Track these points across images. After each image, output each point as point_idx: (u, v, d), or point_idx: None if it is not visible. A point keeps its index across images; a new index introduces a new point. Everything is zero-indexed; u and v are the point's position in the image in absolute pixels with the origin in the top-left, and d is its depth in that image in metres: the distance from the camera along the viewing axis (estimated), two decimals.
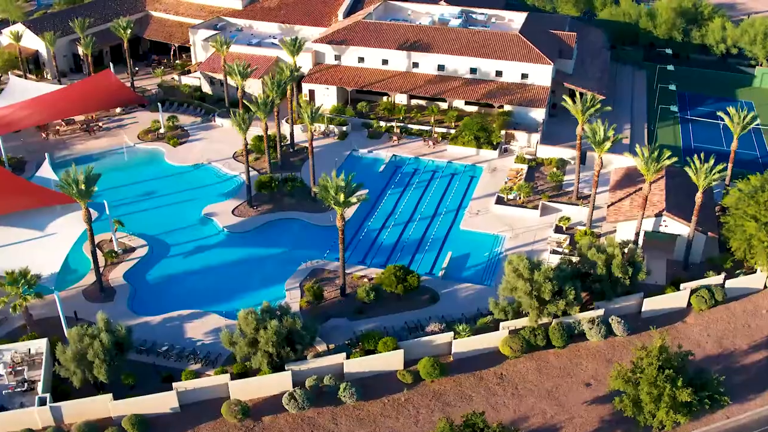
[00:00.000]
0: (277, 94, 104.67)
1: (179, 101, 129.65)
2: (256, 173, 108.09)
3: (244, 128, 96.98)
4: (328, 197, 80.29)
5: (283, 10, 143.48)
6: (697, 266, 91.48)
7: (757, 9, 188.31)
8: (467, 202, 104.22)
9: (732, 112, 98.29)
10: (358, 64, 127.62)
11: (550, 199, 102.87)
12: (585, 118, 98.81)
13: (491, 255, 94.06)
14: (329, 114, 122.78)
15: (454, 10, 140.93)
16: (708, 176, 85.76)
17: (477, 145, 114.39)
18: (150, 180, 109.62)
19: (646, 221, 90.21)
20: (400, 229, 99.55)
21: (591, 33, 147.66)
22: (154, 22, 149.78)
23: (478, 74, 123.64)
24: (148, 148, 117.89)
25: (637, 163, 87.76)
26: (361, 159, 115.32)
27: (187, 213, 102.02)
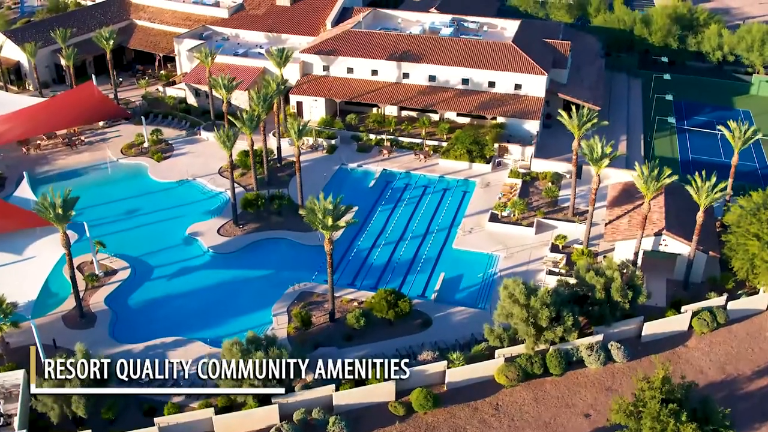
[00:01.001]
0: (263, 108, 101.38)
1: (164, 113, 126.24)
2: (243, 190, 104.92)
3: (228, 145, 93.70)
4: (315, 221, 77.27)
5: (270, 19, 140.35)
6: (698, 286, 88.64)
7: (752, 14, 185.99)
8: (460, 220, 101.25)
9: (733, 126, 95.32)
10: (347, 75, 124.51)
11: (546, 215, 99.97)
12: (581, 133, 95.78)
13: (485, 276, 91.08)
14: (317, 127, 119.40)
15: (445, 18, 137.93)
16: (710, 195, 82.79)
17: (470, 158, 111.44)
18: (133, 197, 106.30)
19: (646, 240, 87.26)
20: (391, 248, 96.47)
21: (585, 40, 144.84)
22: (139, 31, 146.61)
23: (470, 85, 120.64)
24: (131, 163, 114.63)
25: (637, 182, 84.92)
26: (351, 174, 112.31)
27: (170, 232, 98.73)
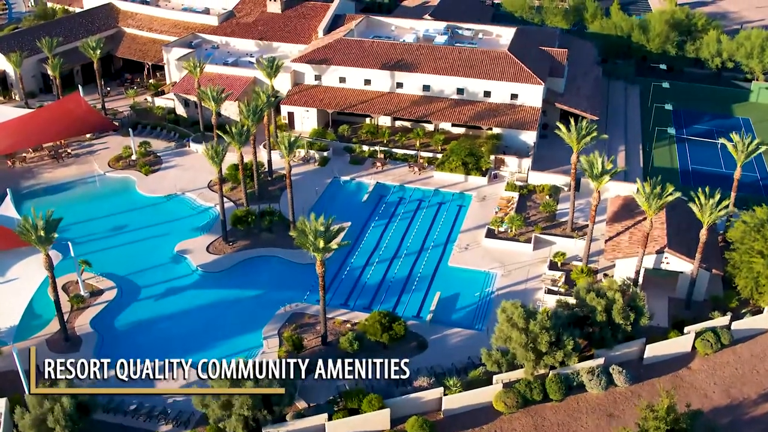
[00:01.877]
0: (253, 121, 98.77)
1: (152, 124, 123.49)
2: (233, 205, 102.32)
3: (217, 161, 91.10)
4: (306, 243, 74.63)
5: (261, 27, 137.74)
6: (700, 304, 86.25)
7: (750, 18, 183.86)
8: (456, 235, 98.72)
9: (735, 139, 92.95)
10: (340, 85, 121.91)
11: (544, 231, 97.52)
12: (580, 146, 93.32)
13: (482, 295, 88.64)
14: (309, 138, 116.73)
15: (440, 25, 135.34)
16: (714, 212, 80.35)
17: (465, 171, 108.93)
18: (120, 213, 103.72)
19: (647, 258, 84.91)
20: (385, 266, 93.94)
21: (582, 47, 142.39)
22: (127, 39, 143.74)
23: (465, 95, 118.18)
24: (118, 176, 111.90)
25: (638, 199, 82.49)
26: (343, 187, 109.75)
27: (158, 250, 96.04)
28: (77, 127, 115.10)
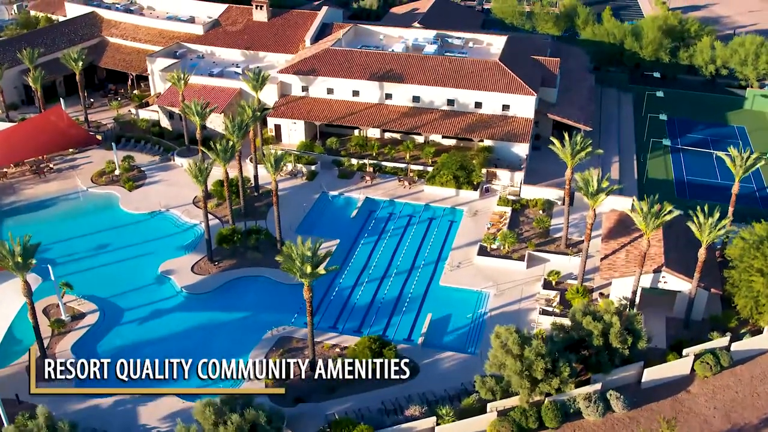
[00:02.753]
0: (238, 137, 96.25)
1: (136, 138, 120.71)
2: (218, 222, 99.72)
3: (201, 180, 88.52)
4: (293, 268, 72.05)
5: (247, 36, 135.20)
6: (699, 324, 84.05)
7: (742, 23, 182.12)
8: (447, 253, 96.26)
9: (734, 153, 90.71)
10: (327, 96, 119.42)
11: (537, 247, 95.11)
12: (575, 162, 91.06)
13: (474, 316, 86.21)
14: (296, 151, 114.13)
15: (429, 34, 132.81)
16: (713, 231, 78.05)
17: (456, 185, 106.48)
18: (103, 231, 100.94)
19: (644, 277, 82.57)
20: (375, 286, 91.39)
21: (574, 54, 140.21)
22: (111, 49, 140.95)
23: (456, 106, 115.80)
24: (101, 193, 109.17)
25: (635, 219, 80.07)
26: (332, 202, 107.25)
27: (142, 270, 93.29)
28: (59, 142, 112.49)
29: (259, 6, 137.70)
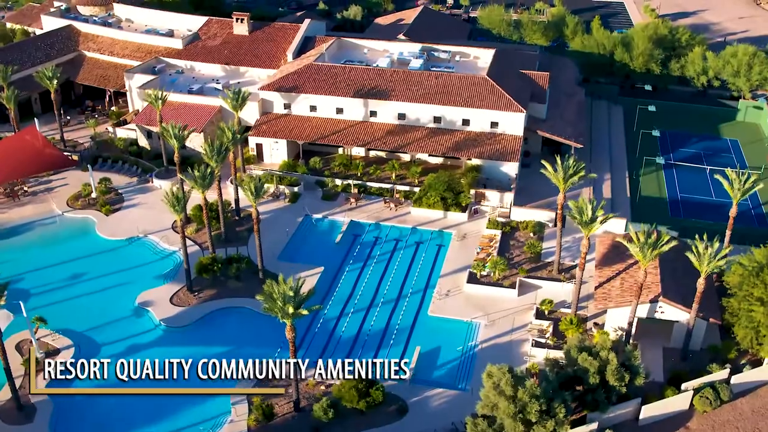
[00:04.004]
0: (217, 162, 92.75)
1: (113, 158, 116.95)
2: (198, 248, 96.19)
3: (178, 209, 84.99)
4: (274, 308, 68.68)
5: (227, 50, 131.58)
6: (697, 354, 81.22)
7: (733, 30, 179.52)
8: (435, 280, 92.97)
9: (731, 176, 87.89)
10: (310, 113, 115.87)
11: (529, 273, 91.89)
12: (567, 186, 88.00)
13: (465, 348, 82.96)
14: (279, 171, 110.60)
15: (415, 47, 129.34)
16: (712, 262, 75.01)
17: (444, 207, 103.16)
18: (78, 259, 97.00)
19: (641, 307, 79.45)
20: (361, 317, 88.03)
21: (563, 66, 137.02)
22: (88, 64, 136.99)
23: (442, 123, 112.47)
24: (77, 217, 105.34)
25: (632, 250, 76.91)
26: (316, 226, 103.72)
27: (119, 301, 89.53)
28: (33, 165, 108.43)
29: (240, 19, 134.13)
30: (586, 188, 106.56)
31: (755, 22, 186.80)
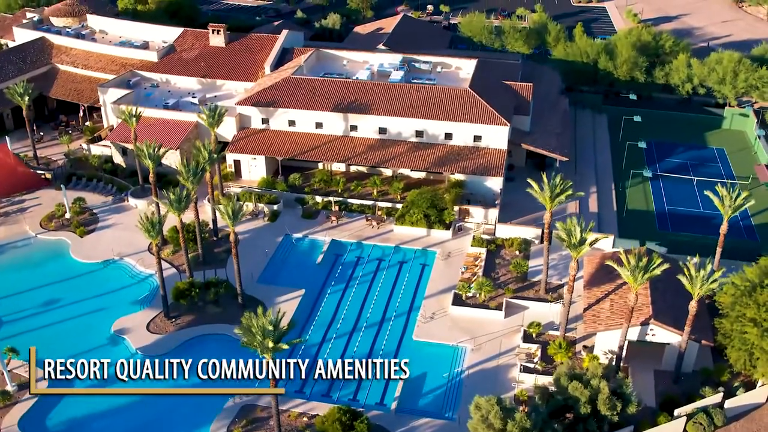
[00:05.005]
0: (193, 183, 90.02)
1: (88, 176, 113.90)
2: (175, 271, 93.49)
3: (153, 234, 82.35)
4: (253, 342, 66.07)
5: (203, 62, 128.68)
6: (689, 377, 79.25)
7: (716, 34, 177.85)
8: (420, 302, 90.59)
9: (722, 193, 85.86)
10: (289, 128, 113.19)
11: (515, 293, 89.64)
12: (554, 205, 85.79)
13: (451, 375, 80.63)
14: (257, 189, 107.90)
15: (395, 58, 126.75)
16: (705, 284, 72.89)
17: (427, 224, 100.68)
18: (52, 283, 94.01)
19: (631, 329, 77.26)
20: (344, 342, 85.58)
21: (545, 75, 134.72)
22: (61, 78, 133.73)
23: (425, 137, 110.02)
24: (51, 239, 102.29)
25: (623, 274, 74.63)
26: (296, 246, 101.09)
27: (94, 329, 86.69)
28: (3, 186, 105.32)
29: (216, 30, 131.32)
30: (572, 202, 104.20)
31: (738, 26, 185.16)
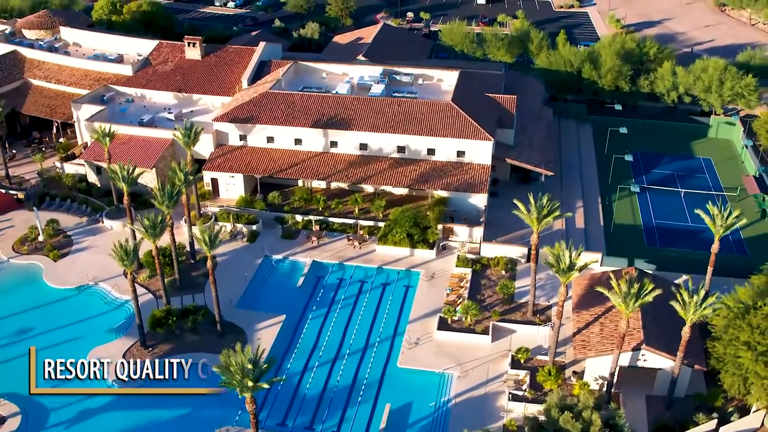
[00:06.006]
0: (169, 207, 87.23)
1: (62, 196, 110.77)
2: (152, 296, 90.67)
3: (128, 263, 79.43)
4: (232, 380, 63.39)
5: (179, 76, 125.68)
6: (682, 402, 77.11)
7: (700, 39, 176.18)
8: (404, 326, 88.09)
9: (713, 212, 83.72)
10: (268, 145, 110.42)
11: (502, 316, 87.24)
12: (541, 227, 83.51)
13: (438, 404, 78.16)
14: (236, 208, 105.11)
15: (375, 71, 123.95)
16: (698, 311, 70.66)
17: (411, 244, 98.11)
18: (25, 311, 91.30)
19: (623, 355, 74.97)
20: (327, 370, 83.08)
21: (529, 85, 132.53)
22: (34, 93, 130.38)
23: (407, 153, 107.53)
24: (23, 263, 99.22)
25: (614, 300, 72.34)
26: (276, 268, 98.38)
27: (69, 359, 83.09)
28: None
29: (192, 43, 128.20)
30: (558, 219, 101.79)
31: (721, 30, 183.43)
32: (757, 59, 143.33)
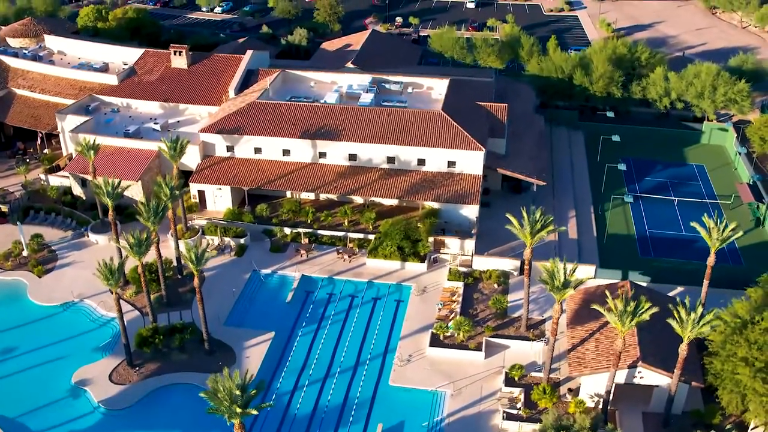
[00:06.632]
0: (155, 223, 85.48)
1: (46, 209, 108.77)
2: (138, 313, 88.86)
3: (112, 283, 77.70)
4: (220, 406, 61.62)
5: (165, 85, 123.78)
6: (679, 419, 75.97)
7: (691, 42, 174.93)
8: (395, 343, 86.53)
9: (710, 225, 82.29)
10: (255, 156, 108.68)
11: (495, 332, 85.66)
12: (534, 242, 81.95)
13: (431, 424, 76.61)
14: (223, 221, 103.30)
15: (364, 79, 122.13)
16: (695, 328, 69.17)
17: (401, 257, 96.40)
18: (9, 329, 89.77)
19: (619, 372, 73.52)
20: (317, 389, 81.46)
21: (520, 92, 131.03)
22: (18, 103, 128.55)
23: (396, 164, 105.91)
24: (7, 280, 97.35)
25: (610, 319, 70.79)
26: (264, 283, 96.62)
27: (54, 380, 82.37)
28: None
29: (178, 51, 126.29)
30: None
31: (712, 33, 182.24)
32: (749, 63, 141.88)
